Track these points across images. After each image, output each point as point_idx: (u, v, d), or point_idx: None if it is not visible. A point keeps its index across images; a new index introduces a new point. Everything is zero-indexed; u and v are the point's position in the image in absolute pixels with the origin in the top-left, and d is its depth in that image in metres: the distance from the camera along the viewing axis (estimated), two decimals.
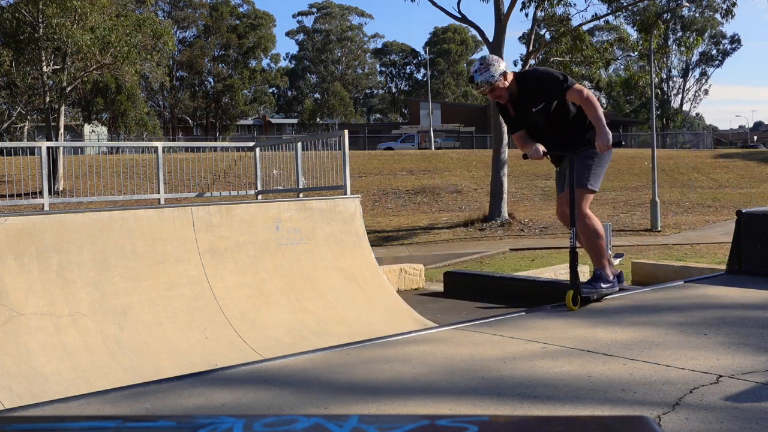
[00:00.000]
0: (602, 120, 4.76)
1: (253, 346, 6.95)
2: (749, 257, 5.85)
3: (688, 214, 23.00)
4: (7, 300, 6.26)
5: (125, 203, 11.72)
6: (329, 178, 10.67)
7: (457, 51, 75.16)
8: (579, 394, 3.07)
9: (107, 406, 3.14)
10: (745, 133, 70.07)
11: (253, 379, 3.52)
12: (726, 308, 4.75)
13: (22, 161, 17.95)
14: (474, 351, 3.82)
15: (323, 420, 0.97)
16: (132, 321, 6.76)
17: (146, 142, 22.67)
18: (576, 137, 4.94)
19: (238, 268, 7.74)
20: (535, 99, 4.91)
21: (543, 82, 4.91)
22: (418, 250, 18.42)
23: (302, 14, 76.69)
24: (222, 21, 57.99)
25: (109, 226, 7.10)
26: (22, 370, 5.98)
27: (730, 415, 2.77)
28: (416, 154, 36.06)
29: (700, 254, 15.42)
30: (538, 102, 4.90)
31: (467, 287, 11.26)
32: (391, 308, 8.45)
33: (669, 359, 3.51)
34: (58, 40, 23.96)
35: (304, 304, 7.85)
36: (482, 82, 4.83)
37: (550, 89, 4.86)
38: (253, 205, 8.43)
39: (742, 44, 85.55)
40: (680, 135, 54.96)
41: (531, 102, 4.92)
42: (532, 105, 4.91)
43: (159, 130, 49.98)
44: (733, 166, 32.83)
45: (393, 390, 3.23)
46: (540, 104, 4.88)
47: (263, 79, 62.56)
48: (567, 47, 23.01)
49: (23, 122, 32.55)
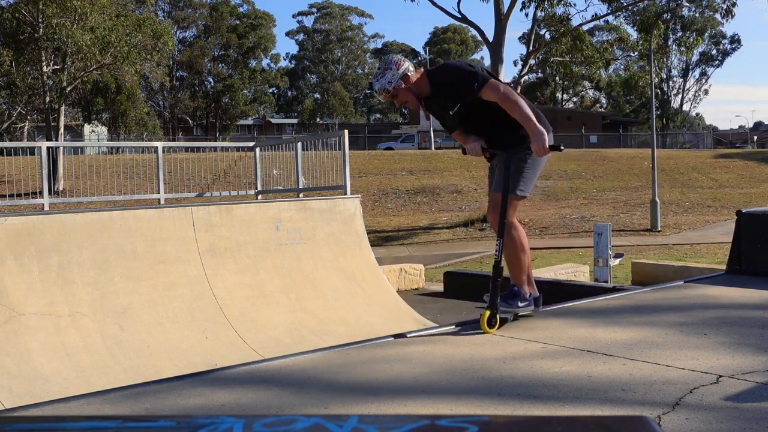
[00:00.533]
0: (531, 119, 4.13)
1: (253, 346, 6.95)
2: (749, 257, 5.85)
3: (688, 214, 23.00)
4: (7, 300, 6.26)
5: (125, 203, 11.72)
6: (329, 178, 10.67)
7: (457, 51, 75.16)
8: (579, 394, 3.07)
9: (107, 406, 3.14)
10: (745, 133, 70.08)
11: (253, 379, 3.52)
12: (726, 308, 4.75)
13: (22, 161, 17.95)
14: (474, 351, 3.82)
15: (323, 420, 0.97)
16: (132, 321, 6.76)
17: (146, 142, 22.68)
18: (508, 135, 4.31)
19: (238, 268, 7.75)
20: (449, 101, 4.32)
21: (452, 83, 4.28)
22: (418, 250, 18.42)
23: (302, 14, 76.75)
24: (222, 21, 58.00)
25: (109, 226, 7.10)
26: (22, 370, 5.98)
27: (730, 415, 2.77)
28: (416, 154, 36.06)
29: (700, 254, 15.42)
30: (452, 104, 4.31)
31: (467, 287, 11.26)
32: (391, 308, 8.45)
33: (669, 359, 3.51)
34: (58, 40, 23.96)
35: (304, 304, 7.85)
36: (380, 90, 4.27)
37: (462, 89, 4.23)
38: (253, 205, 8.43)
39: (742, 44, 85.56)
40: (680, 135, 54.96)
41: (445, 105, 4.35)
42: (448, 108, 4.34)
43: (159, 130, 49.98)
44: (733, 166, 32.82)
45: (393, 390, 3.23)
46: (455, 106, 4.30)
47: (263, 79, 62.57)
48: (567, 47, 23.02)
49: (23, 122, 32.56)
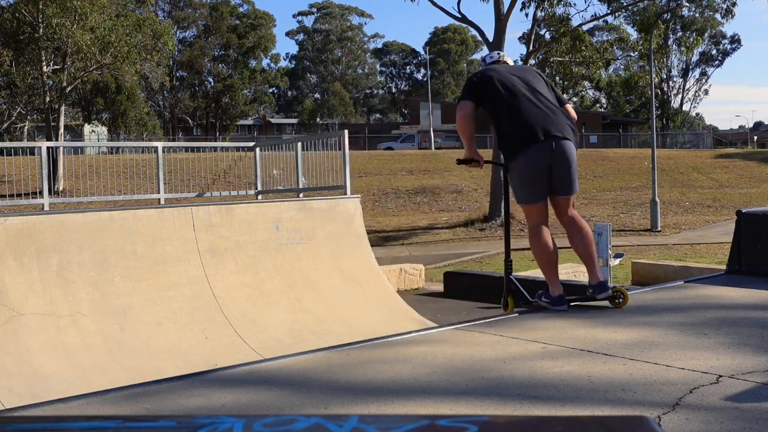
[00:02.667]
0: (464, 139, 4.75)
1: (253, 346, 6.95)
2: (749, 257, 5.84)
3: (688, 214, 23.00)
4: (7, 300, 6.26)
5: (125, 203, 11.72)
6: (329, 178, 10.66)
7: (457, 51, 75.15)
8: (579, 394, 3.07)
9: (107, 406, 3.14)
10: (745, 133, 70.04)
11: (253, 379, 3.52)
12: (726, 308, 4.75)
13: (22, 161, 17.95)
14: (474, 351, 3.81)
15: (323, 420, 0.97)
16: (132, 321, 6.76)
17: (146, 142, 22.67)
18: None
19: (238, 268, 7.74)
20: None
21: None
22: (418, 250, 18.42)
23: (302, 14, 76.75)
24: (222, 21, 57.96)
25: (109, 226, 7.09)
26: (22, 370, 5.98)
27: (731, 415, 2.77)
28: (416, 154, 36.08)
29: (700, 254, 15.43)
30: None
31: (467, 287, 11.27)
32: (391, 308, 8.45)
33: (669, 359, 3.51)
34: (58, 40, 23.96)
35: (304, 304, 7.85)
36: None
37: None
38: (253, 205, 8.43)
39: (742, 44, 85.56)
40: (680, 135, 54.92)
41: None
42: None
43: (159, 130, 50.01)
44: (733, 166, 32.82)
45: (393, 390, 3.23)
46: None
47: (263, 79, 62.54)
48: (567, 47, 23.03)
49: (23, 122, 32.56)
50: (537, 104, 4.65)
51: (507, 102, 4.64)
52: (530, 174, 4.64)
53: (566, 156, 4.63)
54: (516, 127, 4.57)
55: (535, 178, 4.64)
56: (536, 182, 4.65)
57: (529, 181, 4.65)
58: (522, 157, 4.60)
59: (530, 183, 4.65)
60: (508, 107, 4.63)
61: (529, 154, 4.57)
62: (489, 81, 4.72)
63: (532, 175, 4.64)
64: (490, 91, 4.69)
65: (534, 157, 4.58)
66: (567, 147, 4.63)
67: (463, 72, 76.08)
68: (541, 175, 4.64)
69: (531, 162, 4.60)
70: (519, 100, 4.63)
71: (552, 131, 4.57)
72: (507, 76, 4.75)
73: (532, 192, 4.67)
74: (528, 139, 4.54)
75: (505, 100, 4.64)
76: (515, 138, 4.60)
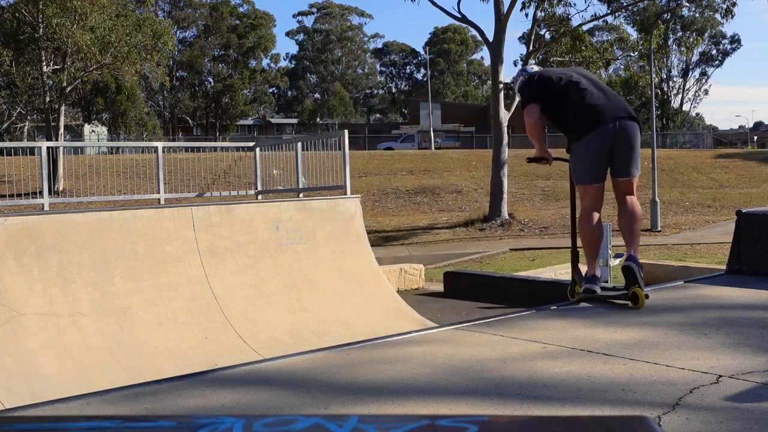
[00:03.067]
0: (536, 142, 5.07)
1: (253, 346, 6.95)
2: (749, 257, 5.84)
3: (688, 214, 23.00)
4: (7, 300, 6.26)
5: (125, 203, 11.72)
6: (329, 178, 10.66)
7: (457, 51, 75.15)
8: (579, 394, 3.07)
9: (107, 406, 3.14)
10: (745, 133, 70.01)
11: (253, 379, 3.52)
12: (726, 308, 4.74)
13: (22, 161, 17.94)
14: (474, 351, 3.81)
15: (323, 420, 0.97)
16: (132, 321, 6.76)
17: (146, 142, 22.67)
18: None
19: (238, 268, 7.74)
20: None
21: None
22: (418, 250, 18.42)
23: (302, 14, 76.77)
24: (222, 21, 57.95)
25: (109, 226, 7.09)
26: (22, 370, 5.98)
27: (731, 415, 2.77)
28: (416, 154, 36.07)
29: (700, 254, 15.43)
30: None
31: (467, 287, 11.27)
32: (391, 308, 8.45)
33: (669, 359, 3.51)
34: (58, 40, 23.96)
35: (304, 304, 7.85)
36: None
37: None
38: (253, 205, 8.43)
39: (742, 44, 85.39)
40: (680, 135, 54.90)
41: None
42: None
43: (159, 130, 50.01)
44: (733, 166, 32.81)
45: (393, 390, 3.23)
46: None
47: (263, 79, 62.53)
48: (567, 47, 23.03)
49: (23, 122, 32.55)
50: (598, 89, 4.86)
51: (571, 90, 4.84)
52: (591, 156, 4.80)
53: (629, 135, 4.78)
54: (583, 111, 4.75)
55: (596, 160, 4.80)
56: (596, 164, 4.80)
57: (590, 163, 4.80)
58: (587, 138, 4.75)
59: (591, 164, 4.80)
60: (573, 94, 4.82)
61: (594, 135, 4.73)
62: (548, 79, 4.96)
63: (593, 156, 4.79)
64: (553, 87, 4.91)
65: (598, 138, 4.73)
66: (630, 126, 4.78)
67: (463, 72, 76.08)
68: (602, 158, 4.80)
69: (594, 142, 4.75)
70: (582, 87, 4.84)
71: (616, 113, 4.75)
72: (561, 71, 5.05)
73: (591, 173, 4.81)
74: (596, 120, 4.72)
75: (569, 90, 4.85)
76: (583, 119, 4.77)
